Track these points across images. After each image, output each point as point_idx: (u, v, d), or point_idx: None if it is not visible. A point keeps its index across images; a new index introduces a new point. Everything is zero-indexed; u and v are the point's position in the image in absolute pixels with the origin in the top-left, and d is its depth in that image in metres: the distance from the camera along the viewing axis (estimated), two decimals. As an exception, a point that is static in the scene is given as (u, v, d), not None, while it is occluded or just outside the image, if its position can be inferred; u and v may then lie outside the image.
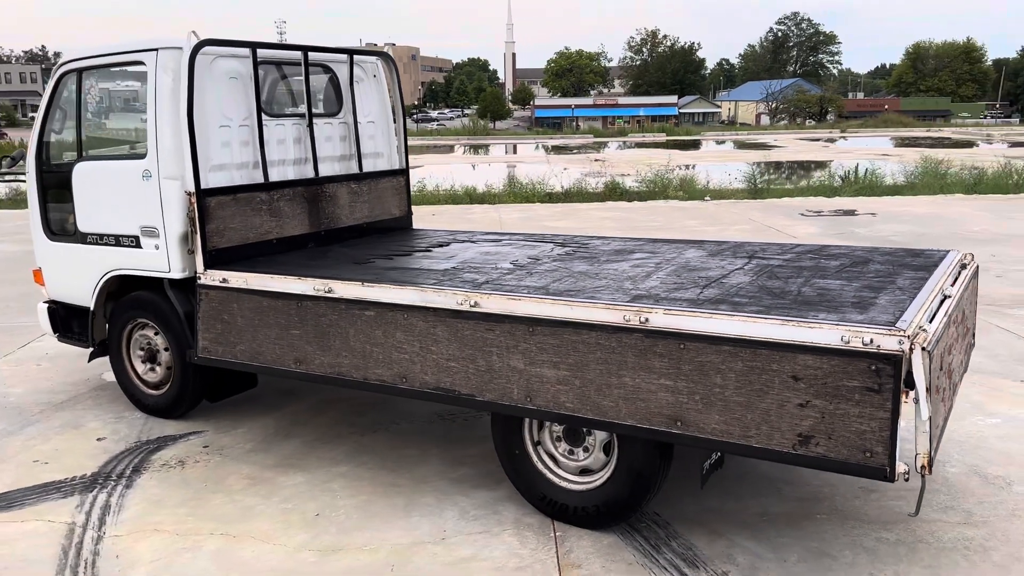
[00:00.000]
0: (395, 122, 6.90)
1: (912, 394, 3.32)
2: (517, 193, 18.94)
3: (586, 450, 4.32)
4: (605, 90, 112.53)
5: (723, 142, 49.17)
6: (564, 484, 4.38)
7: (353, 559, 4.13)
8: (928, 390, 3.31)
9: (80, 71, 5.77)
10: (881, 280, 4.34)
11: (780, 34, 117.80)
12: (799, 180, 21.51)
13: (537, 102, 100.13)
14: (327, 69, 6.38)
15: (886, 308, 3.72)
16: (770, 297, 4.02)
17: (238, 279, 5.14)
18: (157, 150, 5.34)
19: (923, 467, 3.41)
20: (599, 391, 3.94)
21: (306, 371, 4.91)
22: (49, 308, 6.34)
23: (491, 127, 75.71)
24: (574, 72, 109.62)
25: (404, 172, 6.93)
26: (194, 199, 5.23)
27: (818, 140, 49.35)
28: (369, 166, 6.64)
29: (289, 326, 4.93)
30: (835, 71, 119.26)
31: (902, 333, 3.30)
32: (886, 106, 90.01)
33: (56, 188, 6.08)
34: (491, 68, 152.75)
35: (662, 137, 52.89)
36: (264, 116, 5.75)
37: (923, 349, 3.30)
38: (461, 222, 14.57)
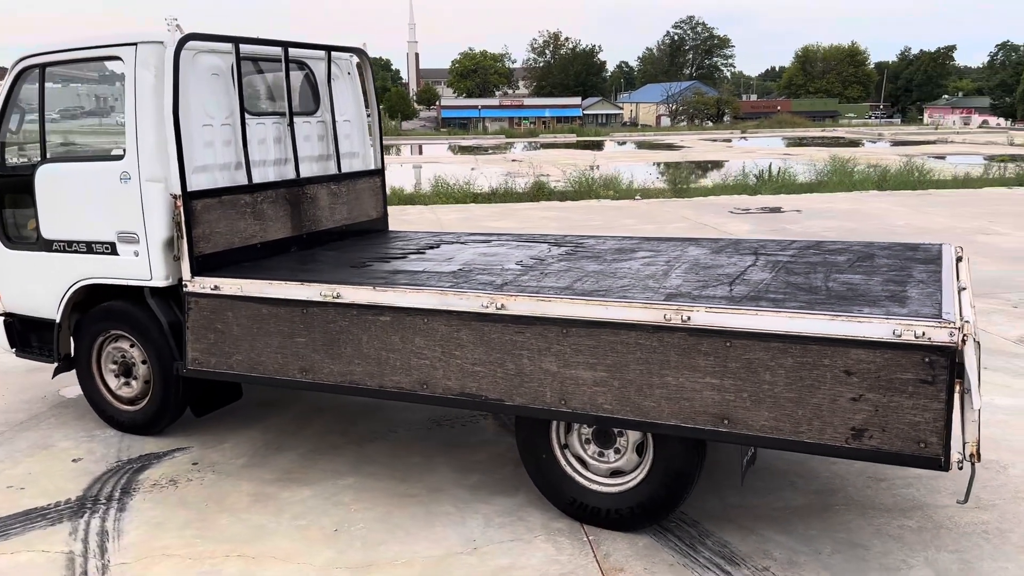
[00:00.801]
0: (370, 120, 6.71)
1: (962, 385, 3.39)
2: (447, 194, 18.77)
3: (617, 451, 4.27)
4: (510, 91, 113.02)
5: (624, 143, 49.97)
6: (595, 487, 4.32)
7: (388, 574, 3.97)
8: (978, 380, 3.39)
9: (43, 66, 5.38)
10: (897, 274, 4.43)
11: (677, 38, 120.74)
12: (715, 179, 21.98)
13: (443, 102, 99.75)
14: (302, 66, 6.14)
15: (922, 301, 3.79)
16: (803, 293, 4.06)
17: (231, 286, 4.89)
18: (138, 151, 5.03)
19: (972, 455, 3.49)
20: (640, 391, 3.89)
21: (313, 380, 4.70)
22: (5, 321, 5.90)
23: (400, 128, 75.00)
24: (479, 73, 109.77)
25: (380, 172, 6.75)
26: (180, 202, 4.95)
27: (721, 140, 50.76)
28: (346, 166, 6.43)
29: (293, 334, 4.71)
30: (728, 74, 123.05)
31: (952, 325, 3.36)
32: (778, 107, 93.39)
33: (14, 193, 5.66)
34: (393, 68, 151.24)
35: (572, 138, 53.46)
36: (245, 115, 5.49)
37: (974, 340, 3.37)
38: (399, 223, 14.26)
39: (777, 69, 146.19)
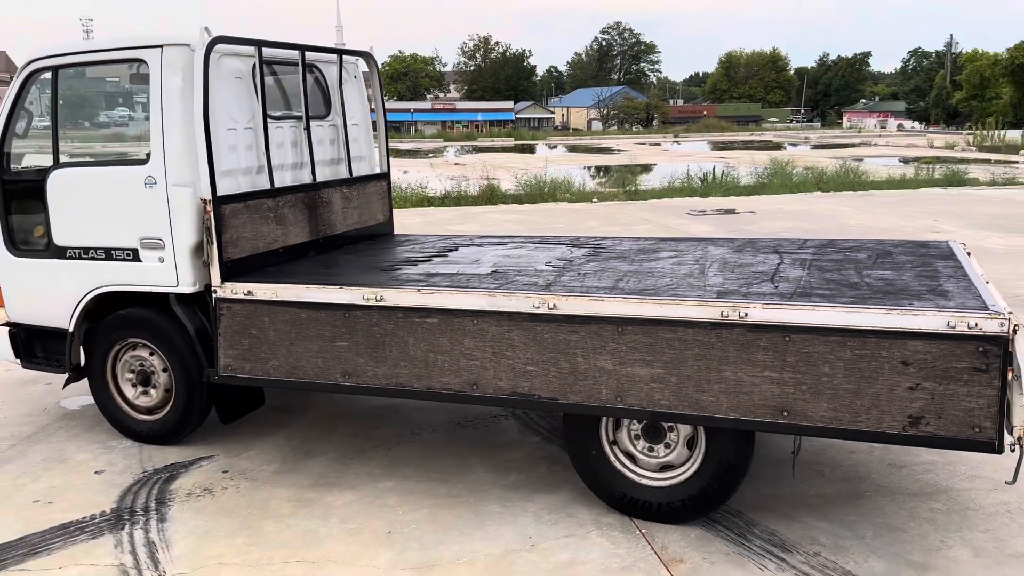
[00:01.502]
0: (376, 124, 6.70)
1: (1013, 372, 3.61)
2: (402, 197, 18.68)
3: (668, 446, 4.39)
4: (441, 95, 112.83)
5: (555, 147, 50.43)
6: (645, 481, 4.43)
7: (452, 573, 4.01)
8: None
9: (56, 69, 5.25)
10: (924, 269, 4.66)
11: (604, 43, 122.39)
12: (661, 182, 22.38)
13: (374, 105, 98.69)
14: (312, 69, 6.11)
15: (963, 295, 4.00)
16: (847, 289, 4.24)
17: (265, 291, 4.85)
18: (164, 155, 4.95)
19: (1020, 438, 3.70)
20: (698, 387, 4.01)
21: (357, 384, 4.70)
22: (9, 332, 5.71)
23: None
24: (409, 76, 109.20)
25: (387, 176, 6.74)
26: (210, 207, 4.88)
27: (654, 144, 51.62)
28: (356, 170, 6.42)
29: (335, 338, 4.70)
30: (654, 79, 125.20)
31: (1002, 316, 3.58)
32: (705, 112, 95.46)
33: (22, 198, 5.50)
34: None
35: (511, 141, 53.69)
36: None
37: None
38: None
39: (701, 75, 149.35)
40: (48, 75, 5.28)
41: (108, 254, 5.20)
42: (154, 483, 4.99)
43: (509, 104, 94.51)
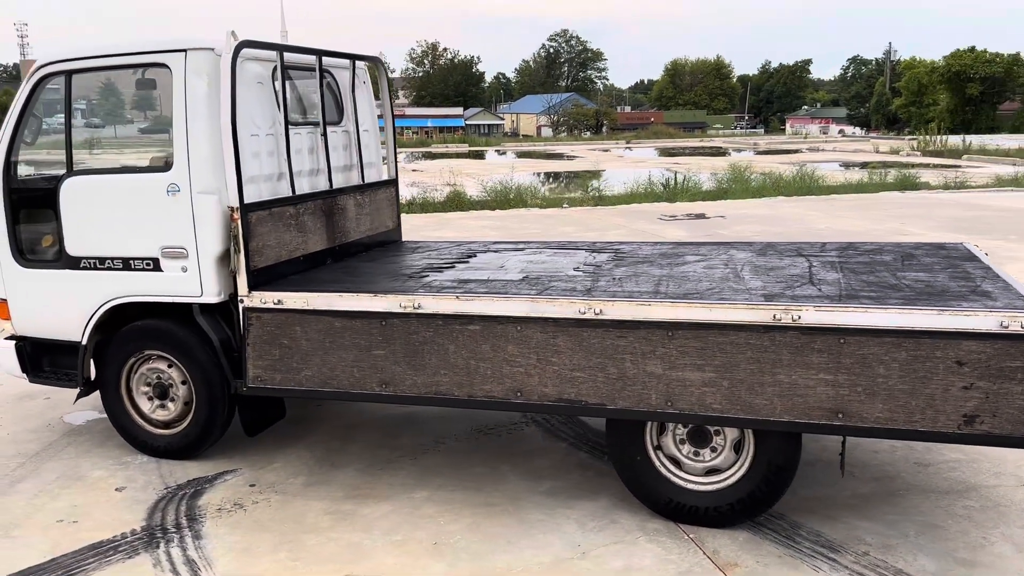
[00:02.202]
0: (383, 130, 6.63)
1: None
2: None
3: (714, 450, 4.40)
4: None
5: (504, 153, 50.50)
6: (691, 486, 4.43)
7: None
8: None
9: (69, 73, 5.07)
10: (954, 271, 4.75)
11: (552, 50, 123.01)
12: (623, 187, 22.51)
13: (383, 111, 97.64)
14: (326, 74, 6.01)
15: (1006, 295, 4.09)
16: (891, 290, 4.30)
17: (296, 300, 4.75)
18: (189, 162, 4.82)
19: None
20: (751, 390, 4.03)
21: (394, 393, 4.62)
22: (16, 345, 5.50)
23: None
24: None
25: (395, 183, 6.67)
26: (238, 215, 4.77)
27: (607, 150, 52.00)
28: (367, 177, 6.33)
29: (371, 347, 4.62)
30: (601, 86, 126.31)
31: None
32: (652, 119, 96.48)
33: (32, 207, 5.31)
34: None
35: (464, 148, 53.60)
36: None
37: None
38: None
39: (646, 82, 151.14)
40: (60, 80, 5.11)
41: (126, 264, 5.04)
42: (180, 499, 4.84)
43: (459, 110, 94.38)
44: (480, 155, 48.06)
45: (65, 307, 5.25)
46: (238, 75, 4.93)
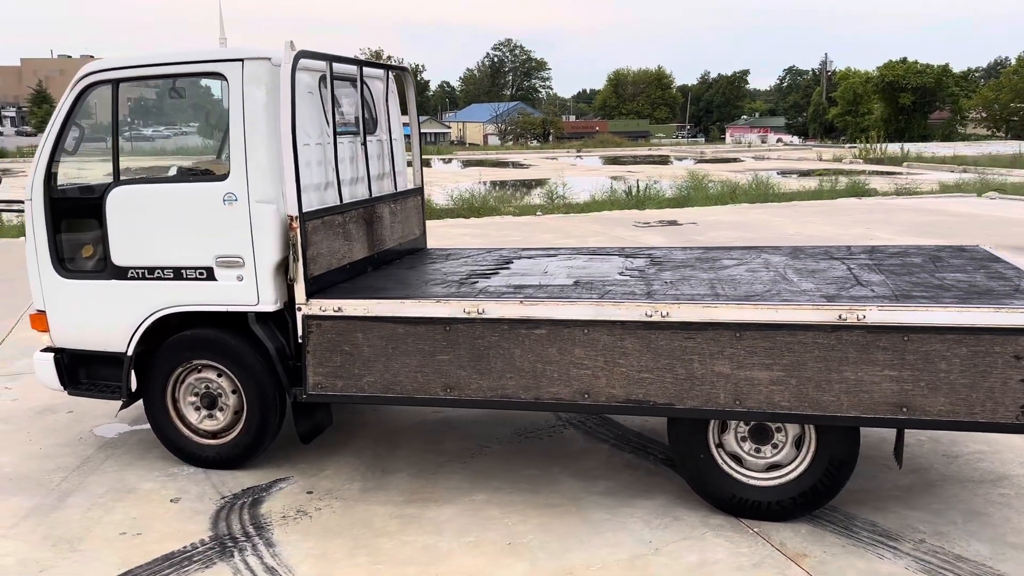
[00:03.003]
0: (408, 138, 6.69)
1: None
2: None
3: (775, 446, 4.57)
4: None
5: (450, 160, 50.63)
6: (754, 482, 4.59)
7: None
8: None
9: (115, 82, 5.04)
10: (987, 271, 5.01)
11: (496, 59, 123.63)
12: (587, 194, 22.77)
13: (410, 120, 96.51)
14: (364, 83, 6.06)
15: (1048, 293, 4.36)
16: (939, 290, 4.52)
17: (356, 307, 4.79)
18: (247, 171, 4.83)
19: None
20: (818, 387, 4.21)
21: (459, 397, 4.70)
22: (55, 357, 5.41)
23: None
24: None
25: (421, 191, 6.73)
26: (297, 224, 4.79)
27: (559, 158, 52.41)
28: (399, 185, 6.40)
29: (435, 352, 4.68)
30: (544, 95, 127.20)
31: None
32: (597, 128, 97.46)
33: (75, 217, 5.25)
34: (203, 84, 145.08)
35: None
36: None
37: None
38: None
39: (589, 91, 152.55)
40: (106, 88, 5.07)
41: (178, 273, 5.02)
42: (240, 508, 4.83)
43: (404, 119, 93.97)
44: (427, 163, 48.01)
45: (109, 318, 5.20)
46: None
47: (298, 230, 4.80)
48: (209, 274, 4.98)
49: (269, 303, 4.94)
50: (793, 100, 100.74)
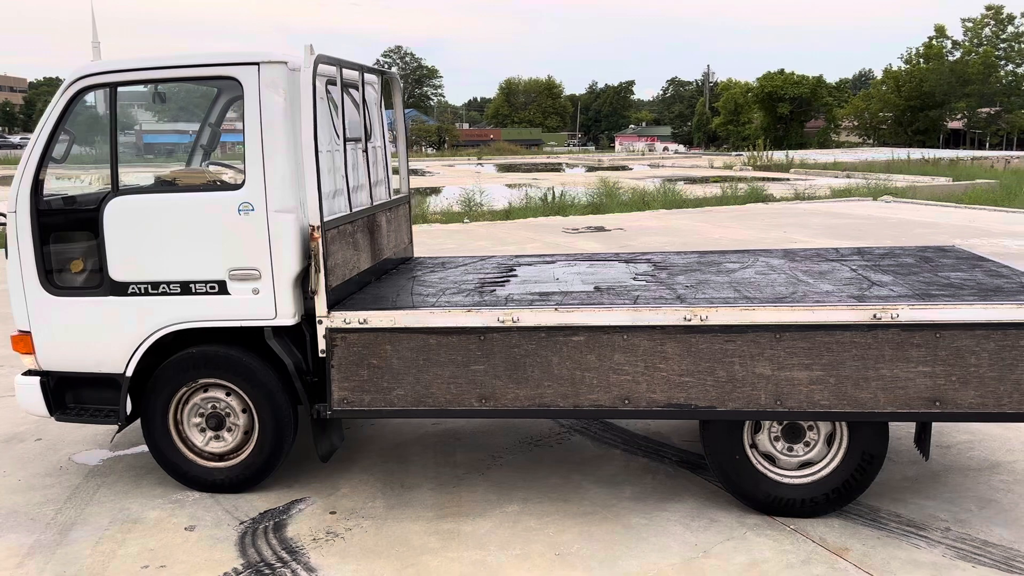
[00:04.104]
0: (396, 145, 6.55)
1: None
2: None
3: (807, 444, 4.68)
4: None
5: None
6: (788, 480, 4.69)
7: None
8: None
9: (114, 86, 4.74)
10: (984, 270, 5.28)
11: (387, 67, 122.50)
12: (503, 202, 22.84)
13: (145, 127, 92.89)
14: (354, 88, 5.89)
15: (1053, 289, 4.64)
16: (954, 288, 4.74)
17: (382, 318, 4.65)
18: (265, 180, 4.62)
19: None
20: (856, 385, 4.35)
21: (494, 407, 4.62)
22: (41, 381, 5.02)
23: (102, 157, 68.55)
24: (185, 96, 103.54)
25: (408, 198, 6.59)
26: (319, 233, 4.61)
27: (453, 166, 52.41)
28: (390, 193, 6.25)
29: (469, 362, 4.59)
30: (436, 103, 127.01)
31: None
32: (491, 136, 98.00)
33: (66, 230, 4.90)
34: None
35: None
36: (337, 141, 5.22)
37: None
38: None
39: (480, 99, 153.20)
40: (100, 93, 4.76)
41: (185, 288, 4.75)
42: (264, 533, 4.60)
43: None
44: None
45: (106, 337, 4.87)
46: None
47: (320, 240, 4.62)
48: (221, 288, 4.73)
49: (287, 317, 4.73)
50: (678, 110, 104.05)
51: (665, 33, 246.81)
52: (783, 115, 74.94)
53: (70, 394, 5.11)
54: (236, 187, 4.69)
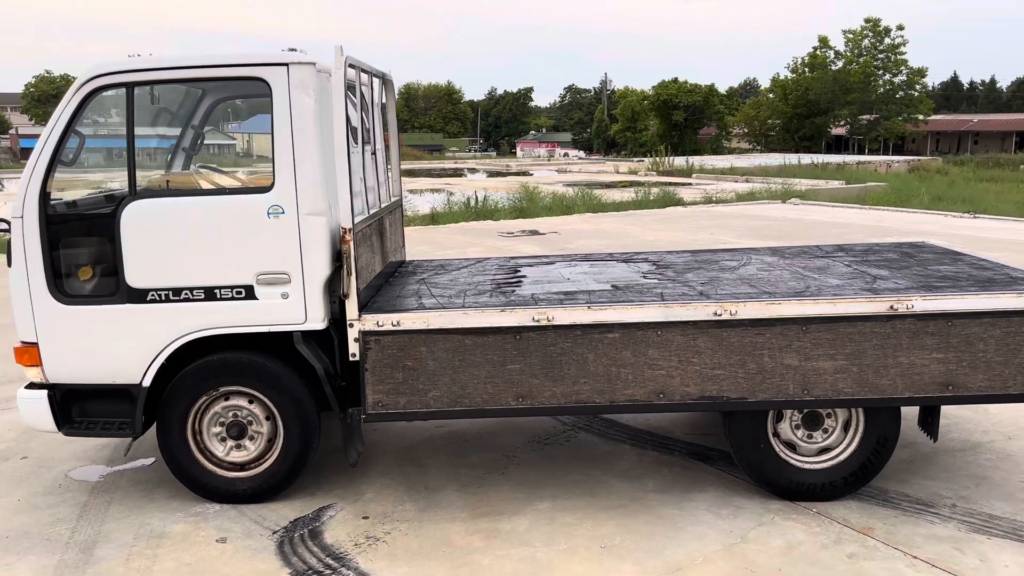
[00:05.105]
0: (389, 148, 6.51)
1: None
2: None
3: (825, 431, 4.91)
4: (100, 119, 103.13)
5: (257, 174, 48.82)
6: (808, 466, 4.91)
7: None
8: None
9: (131, 86, 4.57)
10: (968, 263, 5.65)
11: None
12: (426, 206, 22.77)
13: (21, 131, 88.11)
14: (371, 90, 5.84)
15: (1040, 278, 5.02)
16: (949, 280, 5.07)
17: (414, 320, 4.65)
18: (296, 182, 4.54)
19: None
20: (877, 373, 4.61)
21: (531, 406, 4.68)
22: (49, 395, 4.78)
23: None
24: (60, 98, 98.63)
25: (401, 201, 6.57)
26: (350, 236, 4.57)
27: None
28: (389, 196, 6.21)
29: (505, 361, 4.64)
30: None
31: None
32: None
33: (78, 235, 4.70)
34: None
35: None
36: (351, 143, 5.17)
37: None
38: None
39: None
40: (116, 92, 4.59)
41: (210, 294, 4.62)
42: (301, 541, 4.52)
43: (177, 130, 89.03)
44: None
45: (122, 346, 4.69)
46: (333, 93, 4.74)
47: (351, 242, 4.58)
48: (248, 292, 4.62)
49: (317, 321, 4.67)
50: (578, 117, 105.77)
51: (560, 40, 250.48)
52: (678, 122, 77.12)
53: (76, 407, 4.89)
54: (265, 189, 4.60)
